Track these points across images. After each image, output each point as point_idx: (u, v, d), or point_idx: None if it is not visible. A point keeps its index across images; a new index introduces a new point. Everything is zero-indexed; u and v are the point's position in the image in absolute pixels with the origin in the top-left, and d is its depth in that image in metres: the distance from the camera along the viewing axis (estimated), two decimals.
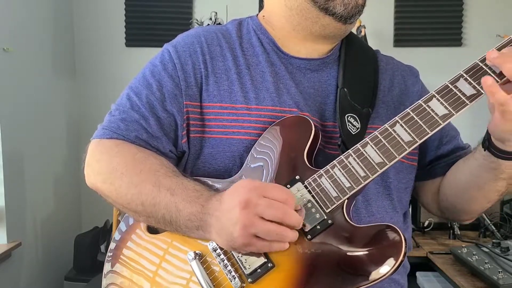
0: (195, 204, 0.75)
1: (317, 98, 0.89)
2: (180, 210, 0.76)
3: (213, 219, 0.73)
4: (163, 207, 0.77)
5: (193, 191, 0.77)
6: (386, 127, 0.75)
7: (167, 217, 0.77)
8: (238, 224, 0.69)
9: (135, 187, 0.79)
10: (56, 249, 2.65)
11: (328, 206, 0.75)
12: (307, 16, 0.87)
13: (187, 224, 0.76)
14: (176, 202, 0.76)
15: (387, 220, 0.86)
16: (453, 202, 0.92)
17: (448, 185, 0.92)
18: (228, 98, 0.85)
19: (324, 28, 0.88)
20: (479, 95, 0.71)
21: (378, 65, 0.96)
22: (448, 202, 0.93)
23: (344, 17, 0.84)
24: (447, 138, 0.95)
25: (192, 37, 0.91)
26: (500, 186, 0.83)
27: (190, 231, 0.77)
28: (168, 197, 0.77)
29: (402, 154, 0.73)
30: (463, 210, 0.92)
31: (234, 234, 0.70)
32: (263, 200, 0.69)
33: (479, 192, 0.86)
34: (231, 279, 0.76)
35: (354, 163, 0.75)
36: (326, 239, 0.74)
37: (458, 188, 0.89)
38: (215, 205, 0.73)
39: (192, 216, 0.75)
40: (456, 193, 0.90)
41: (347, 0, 0.83)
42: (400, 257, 0.69)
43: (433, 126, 0.72)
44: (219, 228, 0.72)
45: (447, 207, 0.95)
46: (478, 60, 0.73)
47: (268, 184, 0.73)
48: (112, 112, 0.88)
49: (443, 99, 0.72)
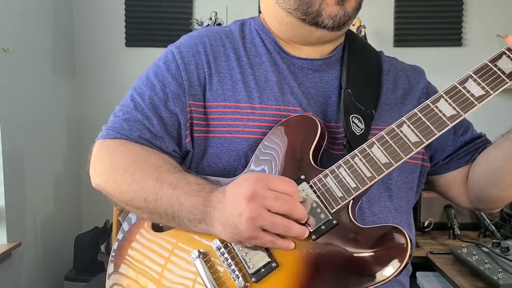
0: (197, 197, 0.75)
1: (319, 99, 0.89)
2: (182, 203, 0.76)
3: (216, 211, 0.73)
4: (166, 202, 0.77)
5: (195, 185, 0.77)
6: (393, 127, 0.75)
7: (170, 212, 0.77)
8: (243, 216, 0.69)
9: (138, 183, 0.80)
10: (56, 249, 2.65)
11: (333, 206, 0.74)
12: (300, 31, 0.88)
13: (189, 218, 0.76)
14: (178, 196, 0.76)
15: (390, 220, 0.86)
16: (488, 191, 0.90)
17: (480, 174, 0.90)
18: (232, 97, 0.86)
19: (319, 38, 0.89)
20: (488, 95, 0.71)
21: (382, 66, 0.96)
22: (482, 192, 0.91)
23: (335, 27, 0.85)
24: (462, 129, 0.94)
25: (195, 38, 0.92)
26: None
27: (193, 224, 0.77)
28: (170, 192, 0.77)
29: (409, 155, 0.72)
30: (499, 197, 0.90)
31: (241, 226, 0.70)
32: (270, 193, 0.69)
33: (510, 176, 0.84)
34: (234, 278, 0.76)
35: (360, 163, 0.74)
36: (330, 239, 0.73)
37: (493, 176, 0.87)
38: (218, 197, 0.73)
39: (194, 209, 0.75)
40: (491, 181, 0.88)
41: (334, 12, 0.83)
42: (406, 259, 0.68)
43: (441, 127, 0.71)
44: (224, 220, 0.72)
45: (480, 197, 0.93)
46: (488, 61, 0.72)
47: (273, 176, 0.73)
48: (116, 113, 0.89)
49: (451, 99, 0.72)
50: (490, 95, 0.70)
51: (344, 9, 0.83)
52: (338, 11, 0.83)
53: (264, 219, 0.69)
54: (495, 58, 0.72)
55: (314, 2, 0.83)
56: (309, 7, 0.83)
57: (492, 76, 0.70)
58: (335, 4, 0.83)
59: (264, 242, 0.72)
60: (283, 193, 0.70)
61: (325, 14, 0.83)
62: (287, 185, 0.71)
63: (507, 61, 0.71)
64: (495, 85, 0.70)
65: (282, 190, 0.70)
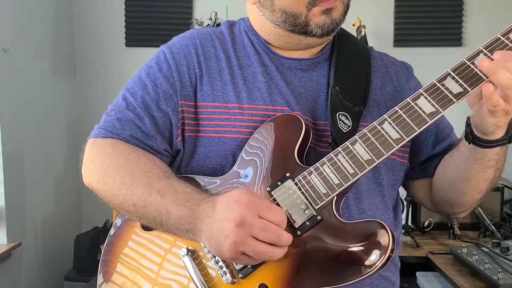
0: (185, 207, 0.76)
1: (308, 97, 0.90)
2: (170, 213, 0.77)
3: (204, 225, 0.74)
4: (154, 209, 0.78)
5: (183, 194, 0.77)
6: (375, 124, 0.76)
7: (158, 219, 0.78)
8: (228, 239, 0.70)
9: (127, 188, 0.80)
10: (56, 249, 2.65)
11: (317, 202, 0.76)
12: (289, 40, 0.90)
13: (177, 227, 0.77)
14: (166, 205, 0.77)
15: (378, 216, 0.87)
16: (445, 197, 0.94)
17: (438, 181, 0.94)
18: (221, 98, 0.87)
19: (309, 44, 0.90)
20: (466, 93, 0.72)
21: (371, 62, 0.96)
22: (440, 197, 0.95)
23: (324, 35, 0.86)
24: (442, 136, 0.96)
25: (187, 39, 0.93)
26: (488, 175, 0.84)
27: (180, 232, 0.78)
28: (158, 199, 0.78)
29: (390, 151, 0.74)
30: (455, 203, 0.94)
31: (223, 247, 0.71)
32: (258, 222, 0.70)
33: (468, 184, 0.87)
34: (222, 275, 0.77)
35: (343, 160, 0.76)
36: (315, 235, 0.75)
37: (448, 183, 0.91)
38: (207, 211, 0.74)
39: (181, 220, 0.76)
40: (446, 188, 0.92)
41: (322, 22, 0.84)
42: (388, 253, 0.70)
43: (421, 123, 0.73)
44: (210, 235, 0.73)
45: (439, 201, 0.96)
46: (465, 59, 0.73)
47: (263, 203, 0.73)
48: (109, 112, 0.90)
49: (431, 97, 0.73)
50: (467, 92, 0.72)
51: (331, 17, 0.84)
52: (326, 20, 0.84)
53: (247, 246, 0.70)
54: (472, 56, 0.73)
55: (300, 14, 0.84)
56: (296, 19, 0.84)
57: (470, 73, 0.72)
58: (321, 14, 0.83)
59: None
60: (271, 223, 0.71)
61: (313, 24, 0.84)
62: (276, 214, 0.72)
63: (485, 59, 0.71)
64: (473, 82, 0.71)
65: (271, 220, 0.71)
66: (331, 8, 0.83)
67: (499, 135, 0.76)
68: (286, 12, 0.84)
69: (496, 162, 0.82)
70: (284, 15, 0.85)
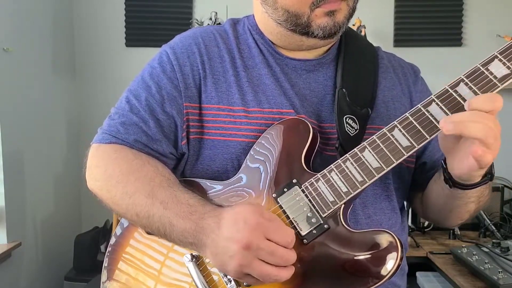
0: (189, 220, 0.74)
1: (313, 99, 0.88)
2: (174, 225, 0.75)
3: (209, 240, 0.72)
4: (157, 220, 0.77)
5: (186, 206, 0.76)
6: (384, 131, 0.74)
7: (162, 230, 0.77)
8: (234, 260, 0.68)
9: (130, 197, 0.79)
10: (56, 249, 2.65)
11: (324, 210, 0.74)
12: (291, 41, 0.88)
13: (181, 239, 0.76)
14: (170, 217, 0.75)
15: (385, 221, 0.86)
16: (431, 215, 0.96)
17: (425, 201, 0.94)
18: (226, 100, 0.85)
19: (311, 46, 0.88)
20: None
21: (378, 63, 0.94)
22: (429, 213, 0.96)
23: (326, 37, 0.83)
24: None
25: (190, 38, 0.90)
26: (470, 208, 0.84)
27: (184, 245, 0.77)
28: (161, 211, 0.76)
29: (400, 159, 0.72)
30: (442, 223, 0.96)
31: (228, 267, 0.70)
32: (266, 244, 0.68)
33: (451, 213, 0.88)
34: (226, 282, 0.76)
35: (352, 167, 0.74)
36: (322, 243, 0.73)
37: (433, 207, 0.91)
38: (212, 227, 0.72)
39: (185, 233, 0.74)
40: (432, 210, 0.93)
41: (324, 24, 0.81)
42: (397, 262, 0.69)
43: (432, 131, 0.70)
44: (215, 251, 0.72)
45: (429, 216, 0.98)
46: (479, 64, 0.70)
47: (272, 226, 0.70)
48: (112, 116, 0.87)
49: (443, 103, 0.70)
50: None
51: (334, 19, 0.81)
52: (328, 22, 0.81)
53: (253, 269, 0.68)
54: (487, 62, 0.70)
55: (303, 14, 0.81)
56: (298, 19, 0.82)
57: (484, 80, 0.69)
58: (324, 15, 0.81)
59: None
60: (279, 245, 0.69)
61: (315, 25, 0.81)
62: (284, 236, 0.70)
63: (499, 65, 0.69)
64: (487, 89, 0.69)
65: (279, 242, 0.69)
66: (334, 11, 0.81)
67: (480, 177, 0.74)
68: (289, 11, 0.82)
69: (477, 198, 0.81)
70: (286, 14, 0.82)
